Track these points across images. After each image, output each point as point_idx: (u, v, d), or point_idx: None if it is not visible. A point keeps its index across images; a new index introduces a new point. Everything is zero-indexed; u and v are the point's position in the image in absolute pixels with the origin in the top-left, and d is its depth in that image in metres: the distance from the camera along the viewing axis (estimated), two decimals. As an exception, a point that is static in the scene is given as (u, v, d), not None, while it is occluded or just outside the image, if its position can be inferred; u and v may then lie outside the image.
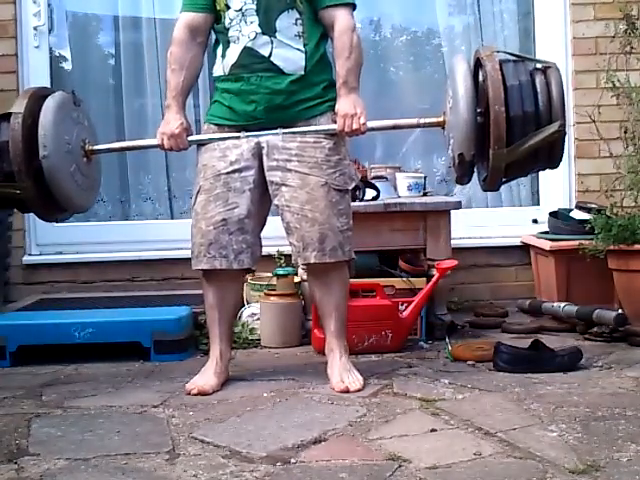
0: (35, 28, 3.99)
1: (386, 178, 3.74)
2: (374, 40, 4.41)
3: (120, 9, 4.24)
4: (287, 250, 3.35)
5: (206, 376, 2.72)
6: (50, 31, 4.08)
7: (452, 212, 3.48)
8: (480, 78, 2.61)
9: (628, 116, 3.81)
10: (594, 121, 3.91)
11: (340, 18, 2.68)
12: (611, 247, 3.33)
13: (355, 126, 2.67)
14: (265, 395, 2.62)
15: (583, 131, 4.05)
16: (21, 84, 3.94)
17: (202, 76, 3.43)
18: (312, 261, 2.69)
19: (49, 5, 4.07)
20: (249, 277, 3.48)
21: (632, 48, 3.91)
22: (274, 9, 2.66)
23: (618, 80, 3.74)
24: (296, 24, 2.68)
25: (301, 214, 2.67)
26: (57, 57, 4.21)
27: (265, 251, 2.93)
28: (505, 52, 2.76)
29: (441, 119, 2.72)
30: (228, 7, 2.69)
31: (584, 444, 2.10)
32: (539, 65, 2.62)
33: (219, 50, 2.76)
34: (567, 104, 2.67)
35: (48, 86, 3.82)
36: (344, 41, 2.67)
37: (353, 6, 2.73)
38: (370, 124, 2.71)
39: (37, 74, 3.97)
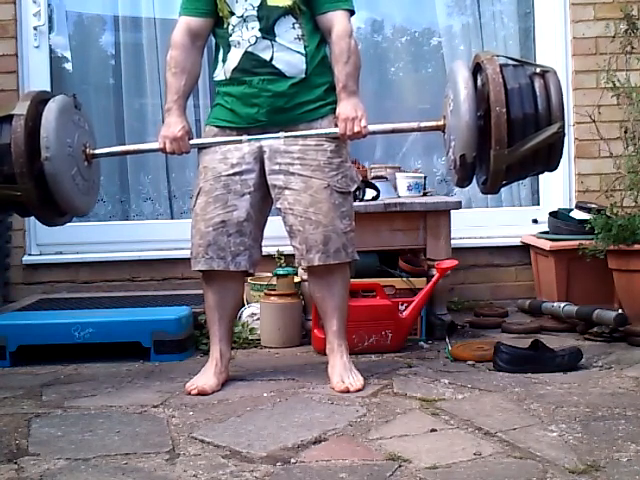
0: (35, 28, 3.99)
1: (386, 178, 3.74)
2: (374, 40, 4.41)
3: (120, 9, 4.25)
4: (287, 250, 3.37)
5: (206, 376, 2.72)
6: (50, 31, 4.09)
7: (452, 212, 3.48)
8: (479, 82, 2.62)
9: (628, 116, 3.81)
10: (594, 121, 3.92)
11: (338, 23, 2.69)
12: (611, 247, 3.33)
13: (356, 129, 2.68)
14: (265, 395, 2.62)
15: (583, 131, 4.05)
16: (21, 84, 3.94)
17: (202, 77, 3.44)
18: (316, 263, 2.69)
19: (49, 5, 4.08)
20: (249, 277, 3.48)
21: (632, 48, 3.92)
22: (273, 14, 2.67)
23: (618, 80, 3.74)
24: (295, 27, 2.69)
25: (304, 217, 2.68)
26: (57, 57, 4.21)
27: (265, 251, 2.94)
28: (505, 56, 2.77)
29: (441, 122, 2.73)
30: (232, 14, 2.70)
31: (584, 444, 2.10)
32: (538, 69, 2.64)
33: (220, 55, 2.77)
34: (566, 106, 2.68)
35: (48, 88, 3.86)
36: (342, 46, 2.68)
37: (351, 12, 2.74)
38: (371, 127, 2.71)
39: (37, 74, 3.98)
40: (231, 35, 2.71)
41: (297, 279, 3.45)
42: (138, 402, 2.58)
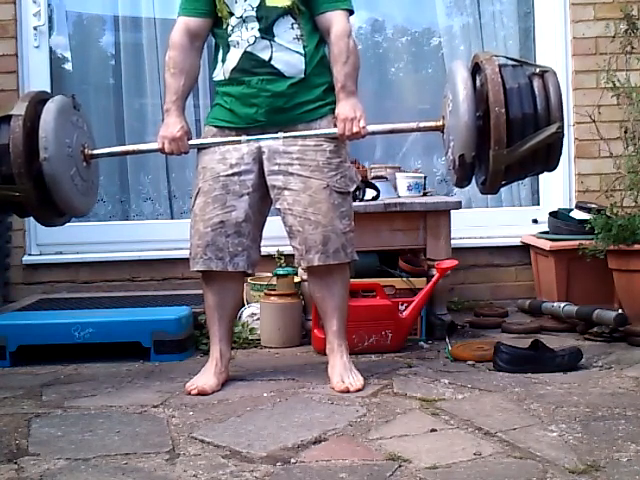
0: (35, 28, 3.99)
1: (386, 178, 3.74)
2: (374, 40, 4.41)
3: (120, 9, 4.25)
4: (287, 250, 3.37)
5: (206, 376, 2.72)
6: (50, 31, 4.09)
7: (452, 212, 3.48)
8: (478, 82, 2.62)
9: (628, 116, 3.81)
10: (594, 121, 3.92)
11: (336, 23, 2.69)
12: (611, 247, 3.33)
13: (355, 129, 2.68)
14: (265, 395, 2.62)
15: (583, 131, 4.05)
16: (21, 84, 3.94)
17: (202, 77, 3.44)
18: (315, 263, 2.69)
19: (49, 5, 4.08)
20: (249, 277, 3.48)
21: (632, 48, 3.92)
22: (272, 15, 2.67)
23: (618, 80, 3.74)
24: (294, 28, 2.69)
25: (304, 217, 2.68)
26: (57, 57, 4.21)
27: (265, 251, 2.94)
28: (504, 57, 2.77)
29: (440, 123, 2.73)
30: (231, 14, 2.70)
31: (584, 444, 2.10)
32: (537, 70, 2.64)
33: (219, 55, 2.77)
34: (566, 106, 2.68)
35: (48, 88, 3.86)
36: (341, 46, 2.68)
37: (350, 12, 2.74)
38: (370, 128, 2.71)
39: (37, 74, 3.98)
40: (230, 35, 2.71)
41: (297, 279, 3.45)
42: (138, 402, 2.58)
